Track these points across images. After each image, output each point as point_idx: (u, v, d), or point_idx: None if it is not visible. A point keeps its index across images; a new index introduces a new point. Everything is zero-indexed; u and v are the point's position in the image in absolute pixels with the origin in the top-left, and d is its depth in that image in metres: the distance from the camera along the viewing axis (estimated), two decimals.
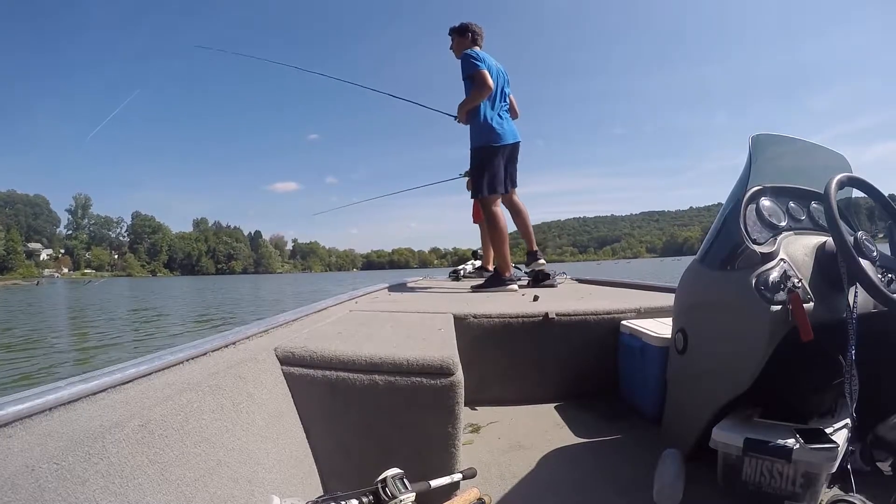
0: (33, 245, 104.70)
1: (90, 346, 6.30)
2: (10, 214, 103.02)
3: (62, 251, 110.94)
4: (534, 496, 1.05)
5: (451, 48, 2.82)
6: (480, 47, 2.77)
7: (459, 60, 2.70)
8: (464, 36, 2.75)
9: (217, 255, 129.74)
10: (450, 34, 2.81)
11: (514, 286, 2.64)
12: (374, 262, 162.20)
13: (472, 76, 2.56)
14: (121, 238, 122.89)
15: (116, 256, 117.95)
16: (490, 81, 2.54)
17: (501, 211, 2.72)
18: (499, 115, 2.67)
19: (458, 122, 2.75)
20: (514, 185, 2.88)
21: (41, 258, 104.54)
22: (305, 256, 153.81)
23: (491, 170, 2.62)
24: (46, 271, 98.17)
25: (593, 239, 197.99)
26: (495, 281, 2.67)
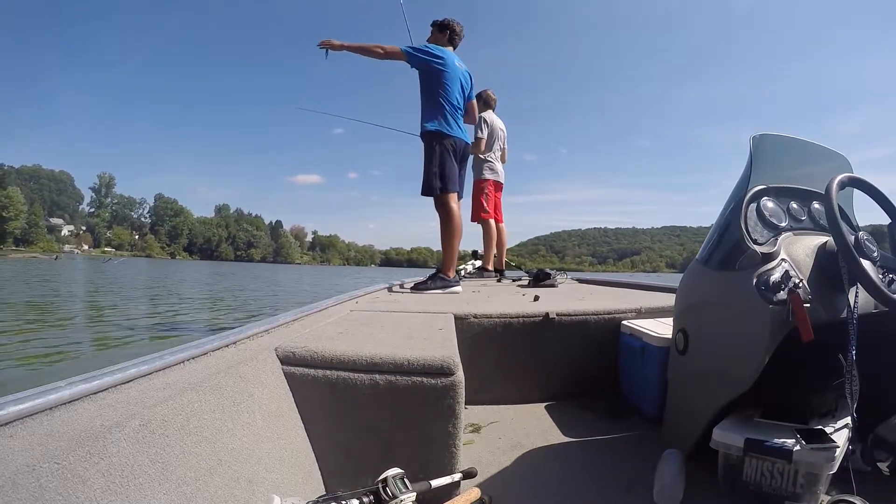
0: (55, 220, 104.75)
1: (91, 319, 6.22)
2: (34, 189, 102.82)
3: (83, 228, 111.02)
4: (534, 496, 1.05)
5: (427, 40, 2.75)
6: (455, 47, 2.73)
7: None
8: (442, 32, 2.71)
9: (237, 242, 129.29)
10: (431, 26, 2.76)
11: (458, 288, 2.57)
12: (392, 259, 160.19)
13: (413, 55, 2.49)
14: (142, 219, 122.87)
15: (137, 237, 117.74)
16: (392, 55, 2.47)
17: (458, 209, 2.63)
18: (452, 112, 2.60)
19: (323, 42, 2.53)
20: (460, 193, 2.72)
21: (62, 234, 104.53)
22: (325, 249, 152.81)
23: (446, 162, 2.54)
24: (67, 247, 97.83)
25: (613, 250, 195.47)
26: (438, 281, 2.57)
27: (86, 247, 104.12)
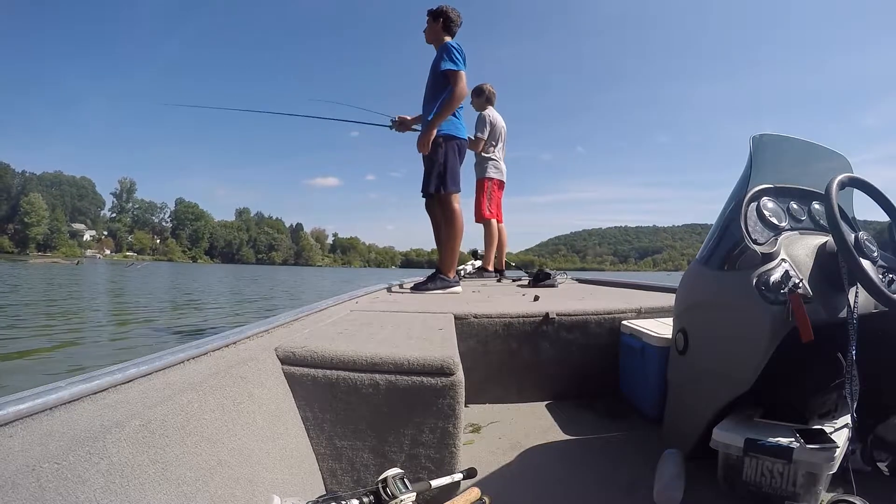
0: (77, 225, 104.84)
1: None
2: (55, 195, 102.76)
3: (105, 233, 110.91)
4: (534, 496, 1.05)
5: (423, 31, 2.61)
6: (453, 36, 2.55)
7: (433, 47, 2.54)
8: (437, 21, 2.54)
9: (258, 245, 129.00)
10: (427, 16, 2.60)
11: (458, 288, 2.54)
12: (413, 261, 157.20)
13: (453, 75, 2.35)
14: (163, 223, 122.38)
15: (158, 241, 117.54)
16: (465, 87, 2.38)
17: (461, 210, 2.60)
18: (458, 110, 2.54)
19: (419, 146, 2.47)
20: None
21: (84, 239, 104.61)
22: (346, 251, 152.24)
23: (454, 163, 2.52)
24: (89, 252, 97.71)
25: (634, 249, 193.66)
26: (438, 281, 2.55)
27: (108, 251, 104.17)
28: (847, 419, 0.98)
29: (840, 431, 0.96)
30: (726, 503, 0.99)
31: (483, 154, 3.71)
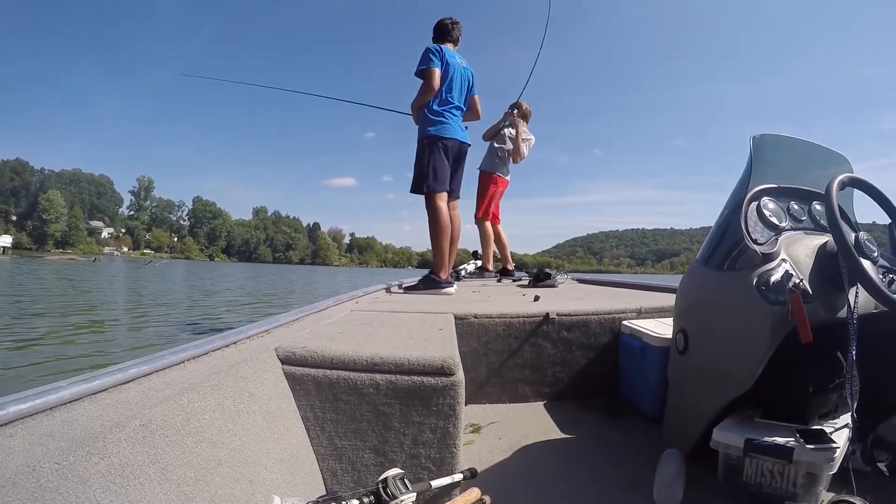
0: (95, 223, 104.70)
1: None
2: (74, 192, 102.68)
3: (123, 230, 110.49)
4: (534, 496, 1.05)
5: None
6: (455, 44, 2.73)
7: None
8: (436, 32, 2.74)
9: (275, 244, 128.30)
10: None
11: (451, 289, 2.49)
12: (429, 261, 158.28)
13: (422, 73, 2.53)
14: (181, 221, 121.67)
15: (176, 239, 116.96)
16: (435, 82, 2.49)
17: (446, 208, 2.57)
18: (450, 111, 2.60)
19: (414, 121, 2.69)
20: (455, 194, 2.74)
21: (102, 236, 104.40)
22: (362, 251, 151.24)
23: (437, 163, 2.51)
24: (107, 249, 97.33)
25: (651, 251, 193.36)
26: (429, 283, 2.52)
27: (125, 249, 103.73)
28: (847, 419, 0.98)
29: (840, 431, 0.96)
30: (726, 503, 0.99)
31: (500, 149, 3.68)
